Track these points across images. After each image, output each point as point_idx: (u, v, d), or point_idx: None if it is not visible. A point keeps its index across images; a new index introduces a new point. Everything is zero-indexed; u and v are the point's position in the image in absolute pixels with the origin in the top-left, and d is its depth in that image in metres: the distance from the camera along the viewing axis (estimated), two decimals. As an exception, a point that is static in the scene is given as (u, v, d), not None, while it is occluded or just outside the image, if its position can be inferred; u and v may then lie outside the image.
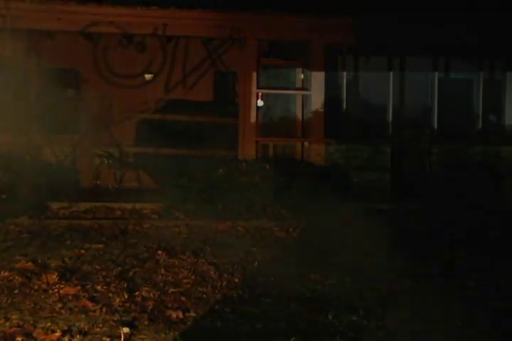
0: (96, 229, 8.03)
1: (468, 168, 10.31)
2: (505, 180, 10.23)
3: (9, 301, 4.91)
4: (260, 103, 10.44)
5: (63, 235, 7.58)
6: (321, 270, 5.87)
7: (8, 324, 4.39)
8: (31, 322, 4.45)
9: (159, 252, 6.64)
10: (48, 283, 5.38)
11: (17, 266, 5.98)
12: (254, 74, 10.19)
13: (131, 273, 5.83)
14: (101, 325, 4.40)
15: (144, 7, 9.67)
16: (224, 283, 5.54)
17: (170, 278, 5.71)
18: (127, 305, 4.89)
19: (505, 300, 5.14)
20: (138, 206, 9.32)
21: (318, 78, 10.33)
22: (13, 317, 4.54)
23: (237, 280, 5.67)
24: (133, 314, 4.66)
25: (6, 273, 5.65)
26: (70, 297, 5.05)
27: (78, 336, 4.19)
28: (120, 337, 4.17)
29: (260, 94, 10.45)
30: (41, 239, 7.28)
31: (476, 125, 11.55)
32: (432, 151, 10.77)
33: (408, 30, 10.25)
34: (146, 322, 4.49)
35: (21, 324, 4.40)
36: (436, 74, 11.40)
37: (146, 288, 5.31)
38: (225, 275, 5.82)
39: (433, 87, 11.40)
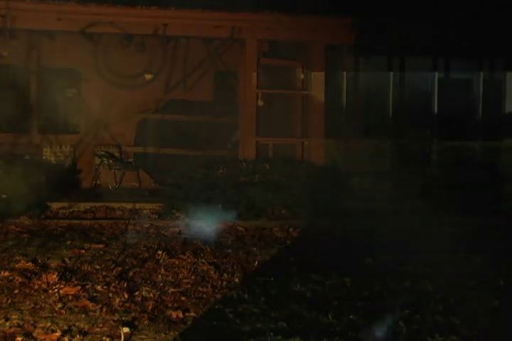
0: (96, 229, 8.03)
1: (468, 167, 10.31)
2: (504, 179, 10.23)
3: (9, 301, 4.91)
4: (260, 103, 10.43)
5: (63, 235, 7.58)
6: (321, 270, 5.87)
7: (8, 324, 4.39)
8: (31, 322, 4.45)
9: (159, 252, 6.64)
10: (48, 283, 5.38)
11: (17, 266, 5.98)
12: (254, 74, 10.18)
13: (131, 273, 5.83)
14: (101, 325, 4.40)
15: (144, 7, 9.68)
16: (224, 283, 5.55)
17: (170, 278, 5.71)
18: (127, 305, 4.88)
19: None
20: (138, 206, 9.32)
21: (318, 78, 10.32)
22: (13, 317, 4.54)
23: (237, 280, 5.67)
24: (133, 314, 4.66)
25: (6, 273, 5.65)
26: (70, 297, 5.04)
27: (78, 336, 4.19)
28: (120, 337, 4.17)
29: (260, 94, 10.45)
30: (41, 239, 7.28)
31: (476, 125, 11.55)
32: (432, 151, 10.77)
33: (408, 30, 10.25)
34: (146, 322, 4.49)
35: (21, 324, 4.41)
36: (436, 74, 11.40)
37: (146, 288, 5.31)
38: (225, 275, 5.82)
39: (433, 87, 11.40)
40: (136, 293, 5.18)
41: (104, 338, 4.17)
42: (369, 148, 10.56)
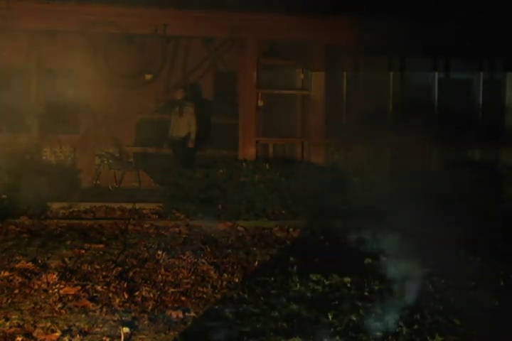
0: (96, 229, 8.04)
1: (468, 167, 10.31)
2: (505, 179, 10.23)
3: (9, 301, 4.91)
4: (260, 103, 10.43)
5: (63, 235, 7.59)
6: (321, 270, 5.87)
7: (8, 324, 4.40)
8: (31, 322, 4.46)
9: (159, 252, 6.64)
10: (48, 283, 5.39)
11: (17, 266, 5.99)
12: (254, 74, 10.18)
13: (131, 273, 5.83)
14: (101, 325, 4.41)
15: (144, 7, 9.66)
16: (224, 283, 5.55)
17: (170, 278, 5.71)
18: (127, 305, 4.89)
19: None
20: (138, 206, 9.32)
21: (318, 78, 10.32)
22: (13, 317, 4.54)
23: (237, 280, 5.67)
24: (133, 314, 4.67)
25: (6, 273, 5.66)
26: (70, 297, 5.05)
27: (78, 336, 4.19)
28: (120, 337, 4.17)
29: (260, 94, 10.44)
30: (41, 239, 7.28)
31: (476, 125, 11.55)
32: (431, 150, 10.76)
33: (408, 30, 10.24)
34: (146, 322, 4.50)
35: (21, 324, 4.41)
36: (436, 74, 11.39)
37: (146, 288, 5.32)
38: (225, 275, 5.82)
39: (433, 87, 11.40)
40: (136, 293, 5.19)
41: (104, 338, 4.17)
42: (369, 148, 10.55)
